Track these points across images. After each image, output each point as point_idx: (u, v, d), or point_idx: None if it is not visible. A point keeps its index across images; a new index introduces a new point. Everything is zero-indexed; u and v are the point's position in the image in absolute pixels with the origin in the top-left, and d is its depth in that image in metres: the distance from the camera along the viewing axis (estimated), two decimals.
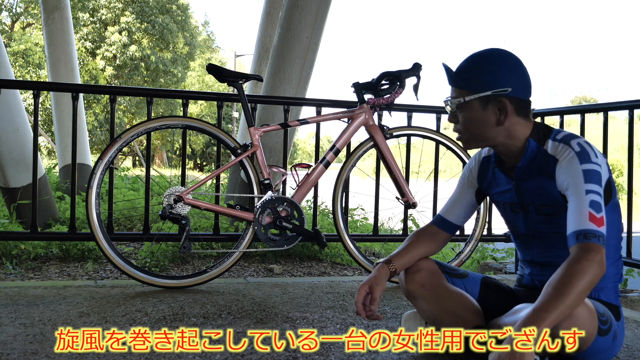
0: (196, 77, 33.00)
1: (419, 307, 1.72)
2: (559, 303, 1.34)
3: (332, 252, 3.79)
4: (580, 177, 1.48)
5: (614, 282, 1.60)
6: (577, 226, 1.44)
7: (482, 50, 1.63)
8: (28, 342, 1.79)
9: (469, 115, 1.61)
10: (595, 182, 1.47)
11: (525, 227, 1.69)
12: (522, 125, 1.61)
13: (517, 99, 1.58)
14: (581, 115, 3.15)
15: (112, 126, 2.94)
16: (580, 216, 1.44)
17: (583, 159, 1.50)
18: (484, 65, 1.59)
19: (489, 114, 1.59)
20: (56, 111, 6.31)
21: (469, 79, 1.59)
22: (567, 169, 1.52)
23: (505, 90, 1.56)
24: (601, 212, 1.44)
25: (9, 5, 22.80)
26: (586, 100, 47.11)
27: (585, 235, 1.42)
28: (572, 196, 1.49)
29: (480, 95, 1.57)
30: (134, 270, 2.57)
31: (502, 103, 1.57)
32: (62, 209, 4.67)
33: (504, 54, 1.60)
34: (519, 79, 1.57)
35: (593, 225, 1.42)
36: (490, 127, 1.60)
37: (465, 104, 1.60)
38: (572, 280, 1.36)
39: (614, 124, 17.63)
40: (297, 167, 2.72)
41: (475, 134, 1.63)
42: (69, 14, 6.28)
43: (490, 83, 1.56)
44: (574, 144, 1.53)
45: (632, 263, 2.82)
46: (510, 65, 1.58)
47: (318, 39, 3.86)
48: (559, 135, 1.58)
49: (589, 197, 1.45)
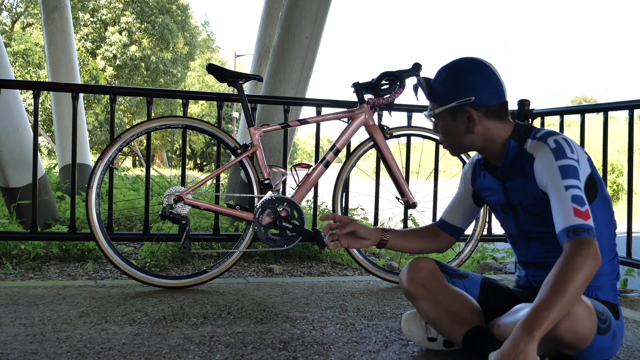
0: (196, 77, 33.00)
1: (419, 307, 1.72)
2: (557, 301, 1.34)
3: (332, 252, 3.79)
4: (557, 174, 1.49)
5: (611, 280, 1.60)
6: (565, 223, 1.44)
7: (451, 61, 1.67)
8: (28, 342, 1.79)
9: (443, 126, 1.67)
10: (573, 176, 1.48)
11: (516, 227, 1.70)
12: (499, 128, 1.62)
13: (484, 105, 1.59)
14: (581, 115, 3.15)
15: (112, 126, 2.94)
16: (565, 213, 1.45)
17: (558, 155, 1.50)
18: (449, 77, 1.63)
19: (458, 123, 1.63)
20: (56, 111, 6.31)
21: (436, 92, 1.65)
22: (543, 166, 1.53)
23: (469, 99, 1.58)
24: (585, 205, 1.44)
25: (9, 5, 22.80)
26: (586, 100, 47.11)
27: (575, 231, 1.42)
28: (553, 194, 1.49)
29: (446, 107, 1.62)
30: (134, 270, 2.57)
31: (468, 112, 1.60)
32: (62, 209, 4.67)
33: (468, 62, 1.62)
34: (483, 85, 1.59)
35: (580, 220, 1.43)
36: (463, 135, 1.64)
37: (437, 115, 1.66)
38: (568, 276, 1.36)
39: (614, 124, 17.64)
40: (297, 167, 2.72)
41: (452, 142, 1.68)
42: (69, 14, 6.29)
43: (454, 94, 1.60)
44: (550, 141, 1.54)
45: (632, 263, 2.82)
46: (473, 74, 1.60)
47: (318, 39, 3.86)
48: (538, 134, 1.59)
49: (570, 192, 1.46)
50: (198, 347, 1.79)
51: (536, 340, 1.31)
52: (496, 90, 1.60)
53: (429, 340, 1.78)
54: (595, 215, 1.54)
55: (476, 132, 1.61)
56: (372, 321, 2.16)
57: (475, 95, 1.58)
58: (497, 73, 1.62)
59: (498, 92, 1.61)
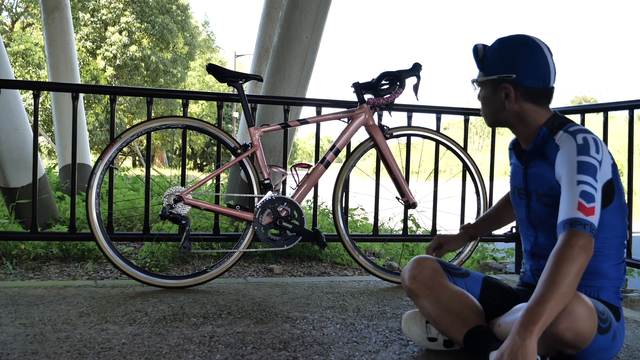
0: (196, 77, 33.01)
1: (421, 305, 1.72)
2: (551, 294, 1.34)
3: (332, 252, 3.79)
4: (574, 167, 1.49)
5: (615, 284, 1.60)
6: (565, 215, 1.45)
7: (510, 35, 1.68)
8: (28, 342, 1.79)
9: (483, 96, 1.70)
10: (589, 174, 1.47)
11: (527, 214, 1.72)
12: (535, 112, 1.63)
13: (524, 86, 1.60)
14: (581, 115, 3.15)
15: (112, 126, 2.94)
16: (569, 205, 1.45)
17: (581, 151, 1.50)
18: (500, 50, 1.65)
19: (497, 97, 1.66)
20: (56, 111, 6.31)
21: (485, 62, 1.68)
22: (563, 158, 1.53)
23: (510, 77, 1.60)
24: (592, 203, 1.44)
25: (9, 5, 22.81)
26: (586, 100, 47.09)
27: (571, 223, 1.42)
28: (565, 185, 1.50)
29: (488, 78, 1.65)
30: (134, 270, 2.57)
31: (507, 88, 1.62)
32: (62, 209, 4.67)
33: (523, 40, 1.63)
34: (529, 67, 1.60)
35: (580, 214, 1.42)
36: (498, 110, 1.67)
37: (480, 84, 1.70)
38: (559, 269, 1.37)
39: (614, 124, 17.64)
40: (297, 167, 2.72)
41: (487, 113, 1.72)
42: (69, 14, 6.29)
43: (500, 68, 1.63)
44: (579, 137, 1.53)
45: (632, 263, 2.82)
46: (523, 53, 1.60)
47: (318, 39, 3.86)
48: (571, 128, 1.58)
49: (580, 187, 1.45)
50: (198, 347, 1.78)
51: (534, 336, 1.31)
52: (541, 74, 1.60)
53: (429, 340, 1.78)
54: (608, 219, 1.54)
55: (510, 110, 1.64)
56: (372, 321, 2.16)
57: (518, 73, 1.60)
58: (549, 57, 1.62)
59: (543, 76, 1.61)
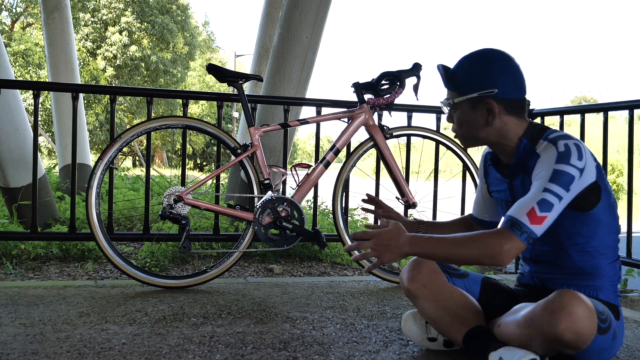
0: (196, 77, 33.01)
1: (420, 306, 1.72)
2: (443, 246, 1.49)
3: (332, 252, 3.79)
4: (548, 174, 1.47)
5: (613, 282, 1.60)
6: (512, 212, 1.46)
7: (474, 51, 1.64)
8: (28, 342, 1.79)
9: (460, 117, 1.64)
10: (561, 184, 1.45)
11: None
12: (515, 124, 1.61)
13: (506, 99, 1.58)
14: (581, 115, 3.15)
15: (112, 126, 2.94)
16: (521, 206, 1.46)
17: (560, 159, 1.47)
18: (472, 67, 1.61)
19: (477, 115, 1.60)
20: (56, 111, 6.31)
21: (458, 81, 1.62)
22: (541, 165, 1.51)
23: (492, 92, 1.56)
24: (546, 212, 1.43)
25: (9, 5, 22.81)
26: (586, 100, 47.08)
27: (512, 224, 1.44)
28: (532, 187, 1.49)
29: (467, 97, 1.59)
30: (134, 270, 2.57)
31: (489, 104, 1.58)
32: (62, 209, 4.67)
33: (494, 54, 1.60)
34: (507, 79, 1.57)
35: (526, 219, 1.43)
36: (480, 128, 1.62)
37: (455, 105, 1.63)
38: (469, 244, 1.45)
39: (614, 124, 17.62)
40: (297, 167, 2.72)
41: (467, 134, 1.66)
42: (69, 14, 6.29)
43: (477, 84, 1.58)
44: (561, 144, 1.51)
45: (632, 263, 2.82)
46: (498, 66, 1.58)
47: (318, 39, 3.86)
48: (552, 135, 1.56)
49: (544, 194, 1.44)
50: (198, 347, 1.79)
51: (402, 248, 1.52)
52: (519, 85, 1.59)
53: (429, 340, 1.78)
54: (599, 218, 1.54)
55: (493, 126, 1.60)
56: (372, 321, 2.16)
57: (499, 87, 1.56)
58: (520, 67, 1.60)
59: (520, 87, 1.59)
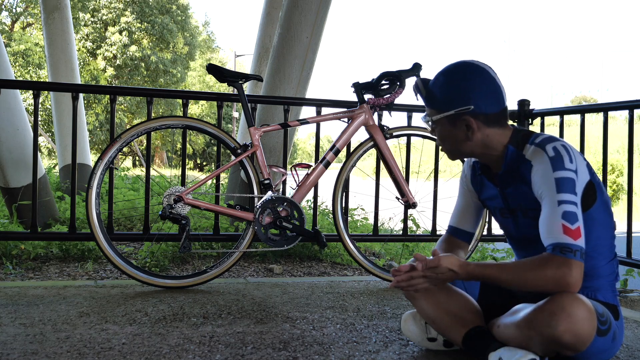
0: (196, 77, 33.01)
1: (419, 307, 1.72)
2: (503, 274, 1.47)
3: (332, 252, 3.79)
4: (552, 187, 1.47)
5: (610, 281, 1.60)
6: (553, 239, 1.44)
7: (448, 66, 1.63)
8: (28, 342, 1.79)
9: (441, 132, 1.64)
10: (569, 190, 1.46)
11: (516, 230, 1.69)
12: (498, 134, 1.60)
13: (483, 114, 1.56)
14: (581, 115, 3.15)
15: (112, 126, 2.94)
16: (553, 228, 1.44)
17: (556, 166, 1.48)
18: (447, 83, 1.59)
19: (457, 130, 1.60)
20: (56, 111, 6.31)
21: (434, 99, 1.61)
22: (540, 176, 1.50)
23: (468, 109, 1.55)
24: (576, 223, 1.43)
25: (9, 5, 22.81)
26: (586, 100, 47.09)
27: (562, 249, 1.42)
28: (545, 206, 1.48)
29: (445, 114, 1.59)
30: (134, 270, 2.57)
31: (467, 120, 1.57)
32: (62, 209, 4.67)
33: (468, 68, 1.58)
34: (483, 94, 1.55)
35: (569, 239, 1.42)
36: (462, 142, 1.61)
37: (435, 122, 1.63)
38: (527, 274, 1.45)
39: (614, 124, 17.63)
40: (297, 167, 2.72)
41: (451, 149, 1.66)
42: (69, 14, 6.29)
43: (453, 102, 1.57)
44: (549, 149, 1.51)
45: (632, 263, 2.82)
46: (472, 81, 1.56)
47: (318, 39, 3.86)
48: (537, 139, 1.56)
49: (562, 207, 1.44)
50: (198, 347, 1.79)
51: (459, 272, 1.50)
52: (495, 98, 1.57)
53: (429, 340, 1.78)
54: (595, 217, 1.54)
55: (475, 140, 1.59)
56: (372, 321, 2.16)
57: (474, 103, 1.55)
58: (496, 78, 1.58)
59: (497, 99, 1.57)
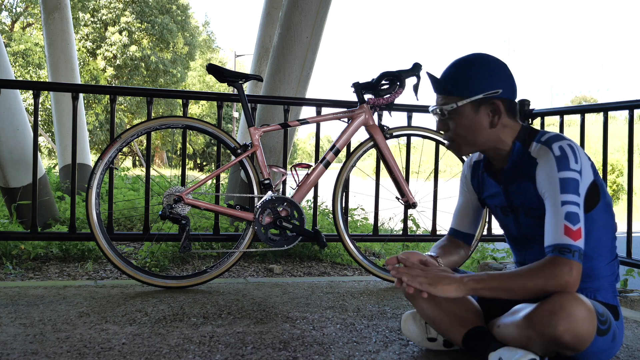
0: (196, 77, 33.01)
1: (419, 307, 1.72)
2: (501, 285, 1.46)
3: (332, 252, 3.79)
4: (556, 187, 1.47)
5: (610, 282, 1.60)
6: (553, 240, 1.45)
7: (466, 55, 1.64)
8: (28, 342, 1.79)
9: (460, 121, 1.61)
10: (573, 191, 1.46)
11: (517, 229, 1.69)
12: (511, 127, 1.61)
13: (507, 100, 1.59)
14: (581, 115, 3.15)
15: (112, 126, 2.94)
16: (555, 229, 1.45)
17: (561, 166, 1.48)
18: (472, 70, 1.60)
19: (481, 117, 1.59)
20: (56, 111, 6.31)
21: (459, 84, 1.60)
22: (544, 175, 1.51)
23: (497, 92, 1.57)
24: (578, 224, 1.44)
25: (9, 5, 22.80)
26: (586, 100, 47.09)
27: (561, 250, 1.43)
28: (549, 206, 1.49)
29: (472, 99, 1.58)
30: (134, 270, 2.57)
31: (495, 105, 1.57)
32: (62, 209, 4.67)
33: (488, 57, 1.61)
34: (506, 80, 1.59)
35: (569, 240, 1.42)
36: (483, 131, 1.60)
37: (457, 109, 1.60)
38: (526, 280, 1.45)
39: (614, 124, 17.64)
40: (297, 167, 2.72)
41: (467, 139, 1.63)
42: (69, 14, 6.29)
43: (482, 86, 1.57)
44: (555, 148, 1.51)
45: (632, 263, 2.82)
46: (497, 68, 1.59)
47: (318, 39, 3.86)
48: (543, 137, 1.57)
49: (565, 208, 1.45)
50: (198, 347, 1.79)
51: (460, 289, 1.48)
52: (515, 88, 1.61)
53: (429, 340, 1.78)
54: (596, 219, 1.54)
55: (497, 127, 1.59)
56: (372, 321, 2.16)
57: (502, 87, 1.57)
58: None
59: (516, 89, 1.61)
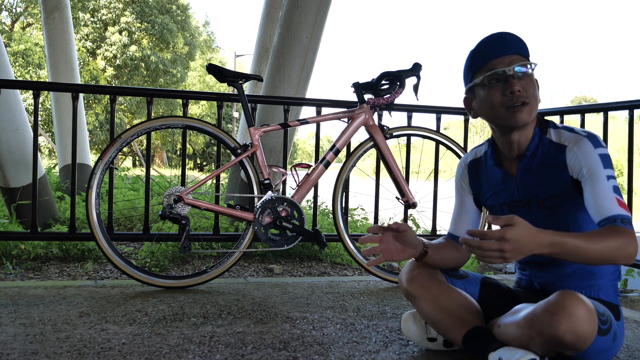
0: (196, 77, 33.02)
1: (419, 307, 1.72)
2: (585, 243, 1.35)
3: (332, 252, 3.79)
4: (598, 162, 1.47)
5: (613, 280, 1.60)
6: (611, 211, 1.42)
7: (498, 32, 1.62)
8: (28, 342, 1.79)
9: (533, 84, 1.55)
10: (611, 167, 1.47)
11: None
12: None
13: None
14: (581, 115, 3.15)
15: (112, 126, 2.94)
16: (610, 202, 1.43)
17: (595, 143, 1.49)
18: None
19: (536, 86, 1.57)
20: (56, 111, 6.31)
21: (526, 47, 1.57)
22: (581, 153, 1.50)
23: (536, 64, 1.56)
24: (622, 197, 1.45)
25: (9, 5, 22.80)
26: (586, 100, 47.09)
27: (623, 220, 1.41)
28: (594, 182, 1.46)
29: (535, 64, 1.56)
30: (134, 270, 2.57)
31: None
32: (62, 209, 4.67)
33: None
34: None
35: (624, 211, 1.42)
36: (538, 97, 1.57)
37: (533, 72, 1.56)
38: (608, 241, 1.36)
39: (614, 124, 17.63)
40: (297, 167, 2.72)
41: (536, 104, 1.56)
42: (69, 14, 6.29)
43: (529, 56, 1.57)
44: (579, 130, 1.53)
45: (632, 263, 2.81)
46: None
47: (318, 39, 3.86)
48: (557, 125, 1.59)
49: (611, 182, 1.45)
50: (198, 347, 1.79)
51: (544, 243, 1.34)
52: None
53: (429, 340, 1.78)
54: None
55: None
56: (372, 321, 2.16)
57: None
58: None
59: None
